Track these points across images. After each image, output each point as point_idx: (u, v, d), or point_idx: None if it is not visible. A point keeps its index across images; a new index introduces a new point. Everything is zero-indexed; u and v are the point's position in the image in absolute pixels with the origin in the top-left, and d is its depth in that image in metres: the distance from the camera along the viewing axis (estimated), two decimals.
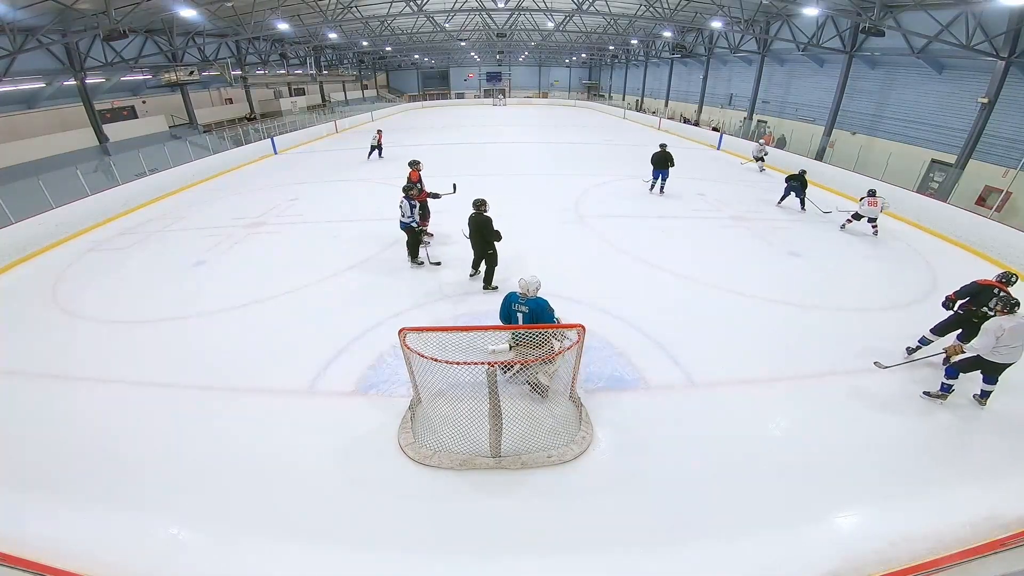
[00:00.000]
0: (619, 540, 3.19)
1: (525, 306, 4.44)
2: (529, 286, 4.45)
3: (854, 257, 8.25)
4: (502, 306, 4.65)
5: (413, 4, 18.39)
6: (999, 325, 4.29)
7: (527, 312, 4.43)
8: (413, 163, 8.88)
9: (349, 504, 3.49)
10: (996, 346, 4.25)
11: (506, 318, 4.62)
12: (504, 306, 4.62)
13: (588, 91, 48.36)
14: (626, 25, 26.82)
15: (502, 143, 19.81)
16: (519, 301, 4.48)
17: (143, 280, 7.56)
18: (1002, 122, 11.75)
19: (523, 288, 4.46)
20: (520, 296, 4.47)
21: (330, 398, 4.61)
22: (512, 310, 4.52)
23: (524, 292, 4.46)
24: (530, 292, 4.45)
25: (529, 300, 4.45)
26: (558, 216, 10.13)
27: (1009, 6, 10.23)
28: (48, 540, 3.05)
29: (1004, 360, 4.35)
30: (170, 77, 19.33)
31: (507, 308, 4.58)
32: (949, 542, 2.81)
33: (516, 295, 4.52)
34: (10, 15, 12.00)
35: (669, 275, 7.26)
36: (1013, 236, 7.94)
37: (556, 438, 3.92)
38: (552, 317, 4.51)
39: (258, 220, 10.30)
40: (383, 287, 6.94)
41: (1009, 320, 4.28)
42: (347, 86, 39.51)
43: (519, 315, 4.48)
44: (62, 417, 4.47)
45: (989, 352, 4.30)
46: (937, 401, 4.69)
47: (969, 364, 4.53)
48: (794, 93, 20.25)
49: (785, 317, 6.12)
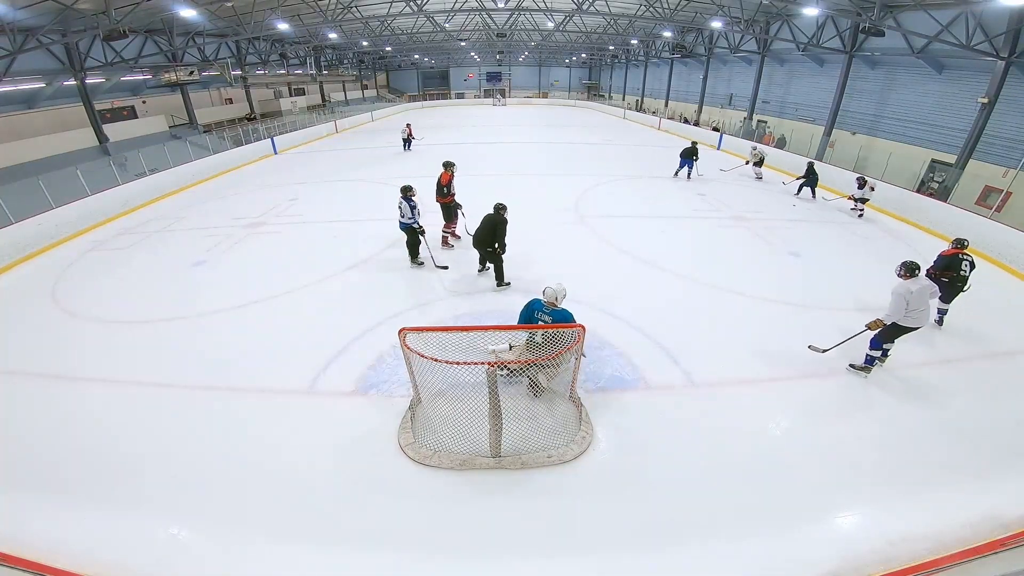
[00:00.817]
0: (619, 540, 3.19)
1: (549, 316, 4.33)
2: (557, 295, 4.33)
3: (854, 257, 8.25)
4: (524, 311, 4.54)
5: (413, 4, 18.39)
6: (907, 289, 4.57)
7: (550, 323, 4.31)
8: (447, 164, 8.19)
9: (349, 504, 3.49)
10: (907, 311, 4.55)
11: (527, 321, 4.52)
12: (526, 312, 4.51)
13: (588, 91, 48.36)
14: (626, 25, 26.82)
15: (502, 143, 19.81)
16: (543, 310, 4.37)
17: (143, 280, 7.56)
18: (1002, 122, 11.76)
19: (550, 298, 4.33)
20: (545, 305, 4.36)
21: (330, 398, 4.61)
22: (535, 318, 4.41)
23: (551, 302, 4.32)
24: (558, 302, 4.33)
25: (555, 312, 4.32)
26: (558, 216, 10.13)
27: (1009, 6, 10.24)
28: (48, 540, 3.05)
29: (914, 324, 4.65)
30: (170, 77, 19.33)
31: (529, 314, 4.47)
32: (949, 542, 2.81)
33: (541, 303, 4.41)
34: (10, 15, 12.00)
35: (669, 275, 7.26)
36: (1013, 236, 7.94)
37: (556, 438, 3.92)
38: None
39: (258, 220, 10.30)
40: (383, 287, 6.94)
41: (914, 283, 4.59)
42: (347, 86, 39.52)
43: (541, 323, 4.38)
44: (62, 417, 4.47)
45: (902, 317, 4.58)
46: (861, 374, 4.97)
47: (888, 334, 4.79)
48: (794, 93, 20.26)
49: (785, 317, 6.12)
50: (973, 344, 5.55)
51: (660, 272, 7.34)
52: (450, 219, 8.30)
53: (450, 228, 8.36)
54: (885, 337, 4.83)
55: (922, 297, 4.58)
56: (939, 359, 5.25)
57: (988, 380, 4.91)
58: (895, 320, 4.61)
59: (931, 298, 4.76)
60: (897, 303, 4.57)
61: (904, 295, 4.54)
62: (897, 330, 4.73)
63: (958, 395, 4.66)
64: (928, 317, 4.76)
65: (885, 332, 4.79)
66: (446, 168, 8.08)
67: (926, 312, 4.67)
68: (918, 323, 4.66)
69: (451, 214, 8.26)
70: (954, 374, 5.01)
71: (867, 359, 4.97)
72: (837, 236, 9.31)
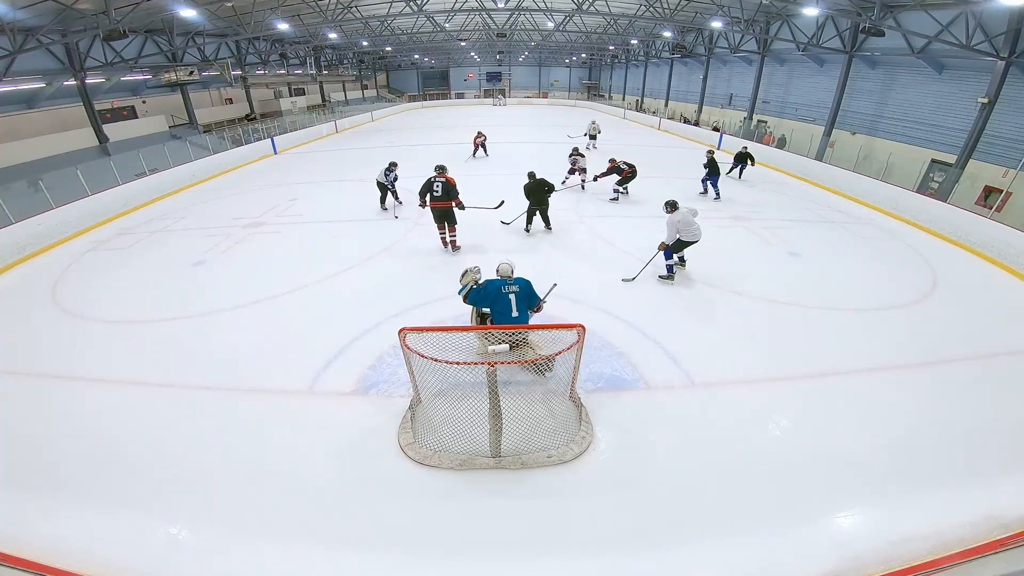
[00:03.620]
0: (619, 540, 3.19)
1: (515, 285, 4.55)
2: (511, 267, 4.64)
3: (854, 257, 8.25)
4: (486, 294, 4.56)
5: (413, 4, 18.39)
6: (673, 220, 6.52)
7: (519, 291, 4.52)
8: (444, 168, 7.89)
9: (348, 504, 3.49)
10: (679, 235, 6.52)
11: (494, 303, 4.54)
12: (491, 292, 4.54)
13: (588, 91, 48.34)
14: (626, 25, 26.81)
15: (502, 143, 19.80)
16: (507, 284, 4.55)
17: (143, 280, 7.55)
18: (1002, 122, 11.75)
19: (505, 272, 4.63)
20: (506, 279, 4.59)
21: (330, 398, 4.61)
22: (503, 292, 4.51)
23: (508, 275, 4.61)
24: (512, 275, 4.61)
25: (519, 279, 4.60)
26: (558, 216, 10.11)
27: (1009, 6, 10.24)
28: (48, 540, 3.05)
29: (691, 239, 6.60)
30: (170, 77, 19.33)
31: (495, 293, 4.52)
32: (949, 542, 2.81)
33: (502, 279, 4.60)
34: (10, 15, 12.00)
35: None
36: (1013, 236, 7.93)
37: (556, 438, 3.92)
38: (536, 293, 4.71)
39: (258, 220, 10.30)
40: (383, 287, 6.94)
41: (676, 215, 6.54)
42: (347, 86, 39.52)
43: (511, 296, 4.49)
44: (62, 417, 4.47)
45: (675, 238, 6.57)
46: (668, 282, 6.85)
47: (674, 248, 6.74)
48: (794, 93, 20.25)
49: (785, 317, 6.11)
50: (973, 344, 5.55)
51: (660, 272, 7.32)
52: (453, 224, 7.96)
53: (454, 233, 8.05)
54: (674, 249, 6.76)
55: (686, 220, 6.50)
56: (939, 359, 5.24)
57: (988, 380, 4.90)
58: (675, 239, 6.57)
59: (694, 217, 6.63)
60: (670, 230, 6.55)
61: (674, 224, 6.50)
62: (680, 244, 6.66)
63: (958, 395, 4.66)
64: (699, 233, 6.60)
65: (672, 248, 6.72)
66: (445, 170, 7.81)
67: (697, 229, 6.57)
68: (694, 238, 6.60)
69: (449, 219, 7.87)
70: (954, 374, 5.00)
71: (668, 268, 6.88)
72: (837, 236, 9.31)
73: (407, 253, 8.25)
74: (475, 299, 4.68)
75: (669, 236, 6.54)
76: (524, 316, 4.53)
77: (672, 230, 6.47)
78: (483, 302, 4.66)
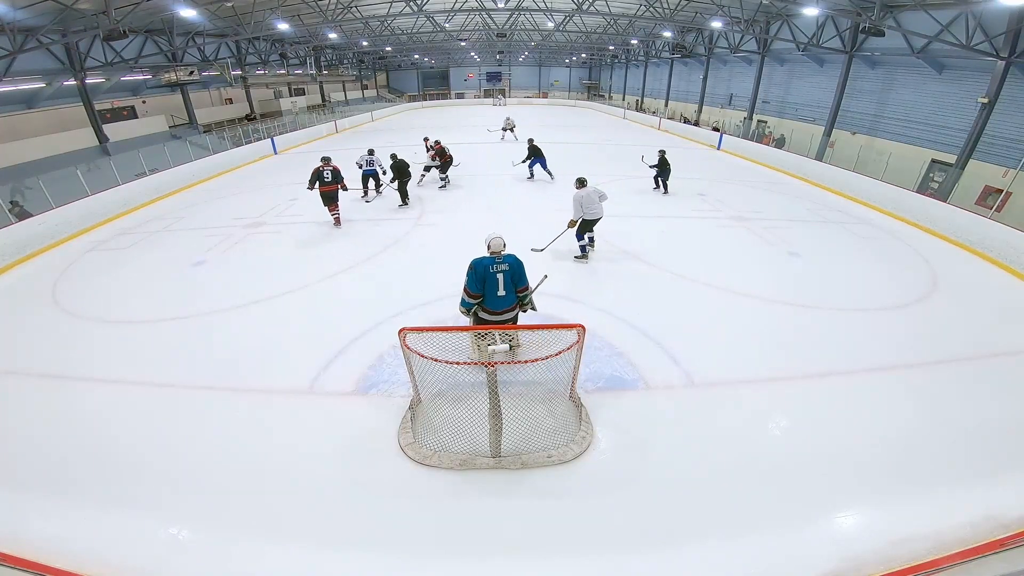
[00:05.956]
0: (619, 540, 3.19)
1: (504, 264, 4.30)
2: (502, 242, 4.37)
3: (854, 257, 8.25)
4: (476, 275, 4.28)
5: (413, 4, 18.40)
6: (578, 197, 6.87)
7: (508, 269, 4.30)
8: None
9: (348, 504, 3.49)
10: (584, 213, 6.89)
11: (480, 282, 4.30)
12: (479, 273, 4.28)
13: (588, 91, 48.35)
14: (626, 25, 26.82)
15: (501, 143, 19.80)
16: (496, 262, 4.30)
17: (143, 280, 7.55)
18: (1002, 122, 11.75)
19: (495, 248, 4.34)
20: (495, 257, 4.34)
21: (330, 398, 4.61)
22: (491, 272, 4.28)
23: (498, 251, 4.33)
24: (503, 250, 4.37)
25: (508, 257, 4.33)
26: (559, 216, 10.10)
27: (1009, 6, 10.23)
28: (48, 540, 3.05)
29: (594, 216, 7.00)
30: (170, 77, 19.34)
31: (483, 272, 4.28)
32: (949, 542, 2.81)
33: (490, 258, 4.33)
34: (10, 15, 12.00)
35: (669, 275, 7.25)
36: (1013, 236, 7.93)
37: (556, 438, 3.92)
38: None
39: (258, 220, 10.30)
40: (383, 287, 6.94)
41: (582, 191, 6.90)
42: (347, 86, 39.53)
43: (500, 276, 4.29)
44: (62, 417, 4.46)
45: (580, 216, 6.94)
46: (582, 262, 7.30)
47: (581, 228, 7.15)
48: (794, 93, 20.25)
49: (785, 317, 6.11)
50: (973, 344, 5.55)
51: (660, 272, 7.33)
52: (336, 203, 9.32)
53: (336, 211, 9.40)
54: (581, 230, 7.14)
55: (591, 199, 6.84)
56: (939, 359, 5.24)
57: (988, 380, 4.90)
58: (580, 217, 6.92)
59: (600, 200, 7.00)
60: (575, 207, 6.89)
61: (579, 200, 6.82)
62: (586, 224, 7.03)
63: (958, 395, 4.66)
64: (601, 212, 7.03)
65: (580, 227, 7.08)
66: (330, 160, 9.26)
67: (599, 207, 6.97)
68: (596, 215, 7.02)
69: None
70: (953, 374, 5.00)
71: (581, 249, 7.33)
72: (837, 236, 9.31)
73: (407, 253, 8.26)
74: (470, 282, 4.40)
75: (575, 212, 6.95)
76: (511, 297, 4.37)
77: (576, 206, 6.88)
78: (477, 285, 4.37)
